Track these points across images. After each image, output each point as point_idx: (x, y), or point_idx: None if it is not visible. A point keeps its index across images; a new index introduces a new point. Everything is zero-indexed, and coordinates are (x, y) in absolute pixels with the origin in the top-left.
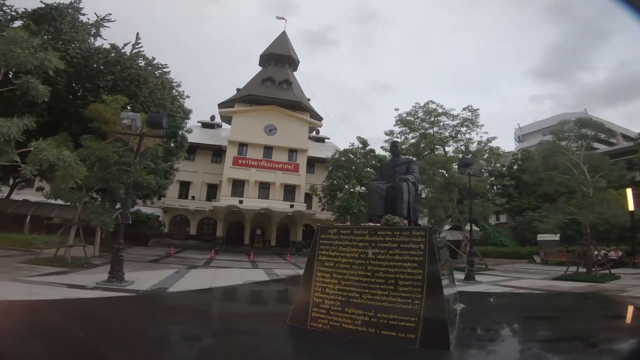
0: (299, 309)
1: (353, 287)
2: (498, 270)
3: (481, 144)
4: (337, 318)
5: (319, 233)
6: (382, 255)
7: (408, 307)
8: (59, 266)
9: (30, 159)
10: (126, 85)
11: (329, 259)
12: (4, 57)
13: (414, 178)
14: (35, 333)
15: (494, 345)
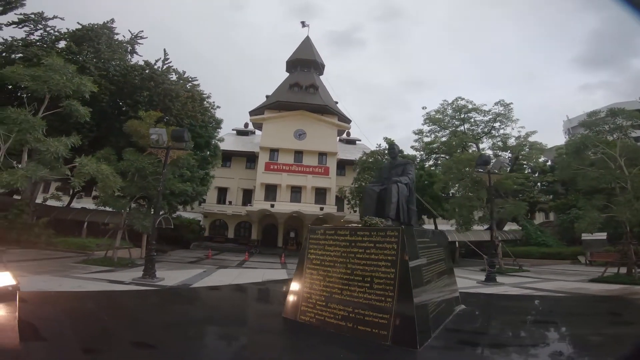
0: (291, 303)
1: (335, 284)
2: (533, 271)
3: (520, 139)
4: (322, 312)
5: (309, 233)
6: (361, 254)
7: (381, 305)
8: (106, 266)
9: (76, 172)
10: (160, 99)
11: (316, 257)
12: (47, 84)
13: (408, 180)
14: (69, 316)
15: (466, 347)
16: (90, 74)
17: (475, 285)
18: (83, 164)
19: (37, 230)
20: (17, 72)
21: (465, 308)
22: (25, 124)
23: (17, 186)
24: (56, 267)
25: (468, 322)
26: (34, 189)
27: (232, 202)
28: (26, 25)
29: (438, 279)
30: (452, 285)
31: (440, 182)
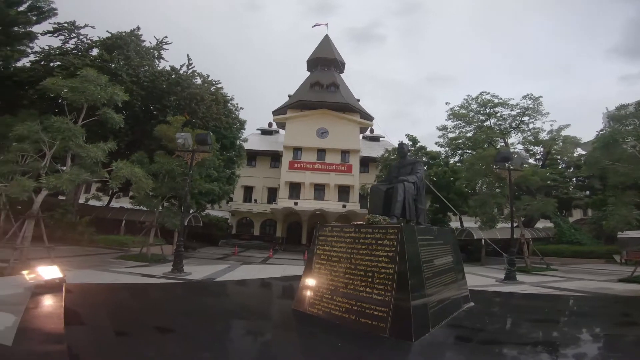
0: (301, 295)
1: (340, 278)
2: (562, 270)
3: (552, 133)
4: (328, 305)
5: (317, 230)
6: (364, 250)
7: (381, 298)
8: (141, 261)
9: (113, 175)
10: (187, 103)
11: (324, 252)
12: (84, 95)
13: (416, 178)
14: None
15: (461, 342)
16: (123, 80)
17: (493, 283)
18: (119, 168)
19: (80, 228)
20: (57, 84)
21: (474, 306)
22: (68, 132)
23: (62, 189)
24: (97, 262)
25: (472, 319)
26: (77, 190)
27: (257, 200)
28: (61, 34)
29: (441, 276)
30: (460, 283)
31: (463, 178)
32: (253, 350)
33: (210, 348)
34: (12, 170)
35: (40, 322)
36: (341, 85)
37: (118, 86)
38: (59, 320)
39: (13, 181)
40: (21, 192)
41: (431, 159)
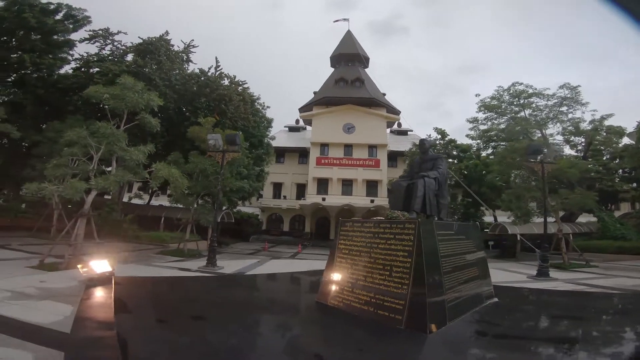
0: (323, 288)
1: (360, 272)
2: (602, 267)
3: (594, 123)
4: (348, 297)
5: (339, 225)
6: (382, 244)
7: (398, 291)
8: (178, 256)
9: (153, 176)
10: (216, 104)
11: (345, 247)
12: (124, 101)
13: (437, 174)
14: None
15: (477, 337)
16: (157, 84)
17: (524, 280)
18: (158, 169)
19: (124, 226)
20: (99, 91)
21: (498, 301)
22: (112, 137)
23: (109, 189)
24: (140, 257)
25: (492, 314)
26: (121, 189)
27: (286, 196)
28: (97, 40)
29: (462, 271)
30: (483, 278)
31: (495, 171)
32: (275, 338)
33: (237, 334)
34: (65, 173)
35: (93, 311)
36: (366, 80)
37: (153, 92)
38: (110, 309)
39: (67, 183)
40: (75, 194)
41: (461, 152)
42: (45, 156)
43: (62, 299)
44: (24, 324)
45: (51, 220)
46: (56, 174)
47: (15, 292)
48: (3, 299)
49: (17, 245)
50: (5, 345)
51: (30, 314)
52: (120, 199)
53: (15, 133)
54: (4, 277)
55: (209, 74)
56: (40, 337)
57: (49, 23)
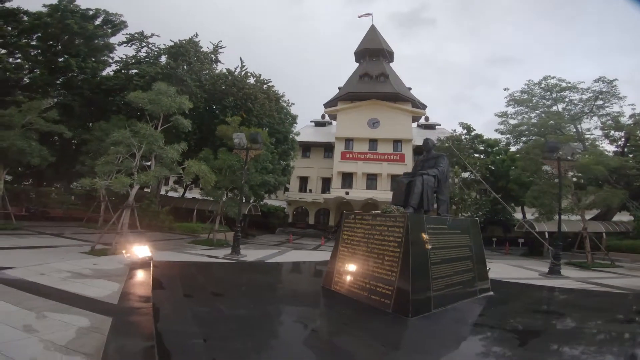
0: (328, 275)
1: (359, 260)
2: (627, 267)
3: (635, 117)
4: (348, 282)
5: (343, 218)
6: (378, 236)
7: (388, 278)
8: (208, 245)
9: (186, 172)
10: (243, 102)
11: (347, 237)
12: (159, 105)
13: (437, 172)
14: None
15: (457, 324)
16: (188, 85)
17: (534, 277)
18: (190, 165)
19: (161, 217)
20: (139, 97)
21: (493, 295)
22: (151, 138)
23: (149, 184)
24: (174, 245)
25: (480, 306)
26: (159, 183)
27: (312, 190)
28: (133, 43)
29: (452, 263)
30: (477, 272)
31: (519, 167)
32: (276, 312)
33: (247, 307)
34: (112, 169)
35: (135, 288)
36: (391, 75)
37: (184, 96)
38: (148, 287)
39: (115, 179)
40: (122, 187)
41: (488, 147)
42: (93, 153)
43: (111, 278)
44: (82, 297)
45: (99, 211)
46: (105, 170)
47: (74, 273)
48: (66, 278)
49: (70, 234)
50: (69, 312)
51: (86, 289)
52: (158, 192)
53: (68, 133)
54: (64, 260)
55: (235, 73)
56: (95, 307)
57: (90, 28)
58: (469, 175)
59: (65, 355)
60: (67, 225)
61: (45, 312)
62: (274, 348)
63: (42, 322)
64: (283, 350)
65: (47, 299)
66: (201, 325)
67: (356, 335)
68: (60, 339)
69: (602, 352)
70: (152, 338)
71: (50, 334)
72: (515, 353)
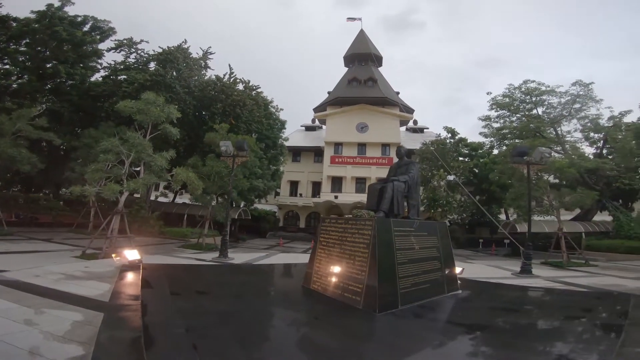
0: (307, 275)
1: (333, 260)
2: (601, 266)
3: (613, 119)
4: (324, 282)
5: (320, 222)
6: (350, 238)
7: (359, 277)
8: (197, 249)
9: (174, 179)
10: (231, 109)
11: (324, 240)
12: (148, 115)
13: (407, 178)
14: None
15: (415, 318)
16: (177, 92)
17: (507, 276)
18: (178, 173)
19: (151, 222)
20: (128, 106)
21: (461, 293)
22: (140, 147)
23: (138, 191)
24: (164, 250)
25: (447, 303)
26: (148, 189)
27: (302, 194)
28: (122, 49)
29: (420, 263)
30: (446, 271)
31: (497, 171)
32: (254, 307)
33: (227, 303)
34: (102, 177)
35: (125, 287)
36: (379, 80)
37: (173, 105)
38: (137, 286)
39: (105, 186)
40: (112, 194)
41: (472, 151)
42: (82, 160)
43: (102, 279)
44: (76, 296)
45: (88, 217)
46: (95, 178)
47: (67, 275)
48: (59, 279)
49: (60, 239)
50: (64, 309)
51: (79, 289)
52: (147, 197)
53: (57, 140)
54: (56, 264)
55: (224, 80)
56: (87, 304)
57: (78, 35)
58: (454, 179)
59: (63, 344)
60: (56, 231)
61: (43, 309)
62: (249, 337)
63: (40, 317)
64: (255, 338)
65: (44, 298)
66: (184, 318)
67: (324, 328)
68: (58, 330)
69: (535, 346)
70: (139, 329)
71: (48, 326)
72: (455, 343)
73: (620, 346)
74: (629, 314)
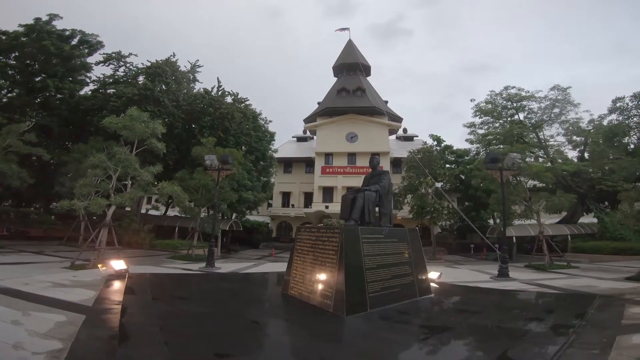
0: (285, 281)
1: (308, 267)
2: (582, 268)
3: (594, 122)
4: (300, 287)
5: (297, 231)
6: (321, 245)
7: (329, 282)
8: (186, 260)
9: (159, 192)
10: (220, 122)
11: (300, 248)
12: (133, 131)
13: (379, 187)
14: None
15: (382, 320)
16: (165, 105)
17: (485, 280)
18: (163, 187)
19: (142, 234)
20: (113, 122)
21: (433, 297)
22: (126, 162)
23: (125, 205)
24: (153, 261)
25: (417, 306)
26: (139, 202)
27: (294, 205)
28: (111, 63)
29: (389, 268)
30: (417, 275)
31: (478, 177)
32: (231, 311)
33: (206, 307)
34: (90, 191)
35: (109, 294)
36: (367, 89)
37: (158, 121)
38: (121, 293)
39: (92, 200)
40: (98, 208)
41: (458, 157)
42: (71, 174)
43: (88, 287)
44: (62, 301)
45: (79, 230)
46: (83, 192)
47: (55, 283)
48: (47, 287)
49: (51, 251)
50: (49, 312)
51: (66, 295)
52: (138, 210)
53: (46, 155)
54: (45, 274)
55: (213, 93)
56: (72, 308)
57: (66, 49)
58: (440, 186)
59: (44, 340)
60: (47, 244)
61: (29, 311)
62: (219, 336)
63: (27, 318)
64: (223, 336)
65: (32, 302)
66: (161, 319)
67: (292, 328)
68: (41, 329)
69: (484, 346)
70: (117, 328)
71: (33, 326)
72: (413, 343)
73: (568, 347)
74: (586, 315)
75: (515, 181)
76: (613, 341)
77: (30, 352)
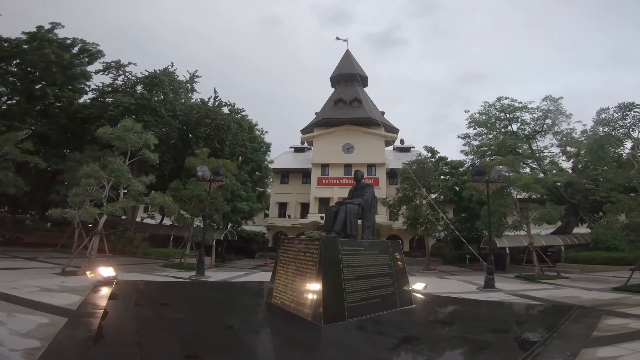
0: (269, 290)
1: (290, 277)
2: (572, 278)
3: (587, 133)
4: (282, 297)
5: (280, 242)
6: (302, 256)
7: (308, 292)
8: (179, 269)
9: (151, 203)
10: (215, 133)
11: (283, 258)
12: (125, 141)
13: (362, 200)
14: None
15: (359, 330)
16: (162, 115)
17: (471, 290)
18: (154, 197)
19: (136, 242)
20: (107, 132)
21: (414, 307)
22: (119, 172)
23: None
24: (145, 269)
25: (395, 317)
26: (134, 211)
27: (291, 215)
28: (110, 72)
29: (369, 279)
30: (398, 286)
31: (469, 189)
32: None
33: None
34: (83, 200)
35: (94, 299)
36: (364, 100)
37: (150, 132)
38: (106, 298)
39: (84, 209)
40: (90, 217)
41: (452, 169)
42: (67, 182)
43: (75, 292)
44: (47, 305)
45: (73, 237)
46: (76, 201)
47: (42, 288)
48: (35, 291)
49: (44, 258)
50: (33, 314)
51: (52, 300)
52: (133, 219)
53: (42, 163)
54: (35, 279)
55: (209, 103)
56: (56, 311)
57: (67, 57)
58: (434, 197)
59: (24, 339)
60: (41, 250)
61: (14, 313)
62: (191, 338)
63: (10, 319)
64: (196, 339)
65: (17, 305)
66: (139, 322)
67: (267, 335)
68: (23, 329)
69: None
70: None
71: (15, 326)
72: (382, 353)
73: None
74: (558, 327)
75: (506, 192)
76: (577, 354)
77: (8, 349)
